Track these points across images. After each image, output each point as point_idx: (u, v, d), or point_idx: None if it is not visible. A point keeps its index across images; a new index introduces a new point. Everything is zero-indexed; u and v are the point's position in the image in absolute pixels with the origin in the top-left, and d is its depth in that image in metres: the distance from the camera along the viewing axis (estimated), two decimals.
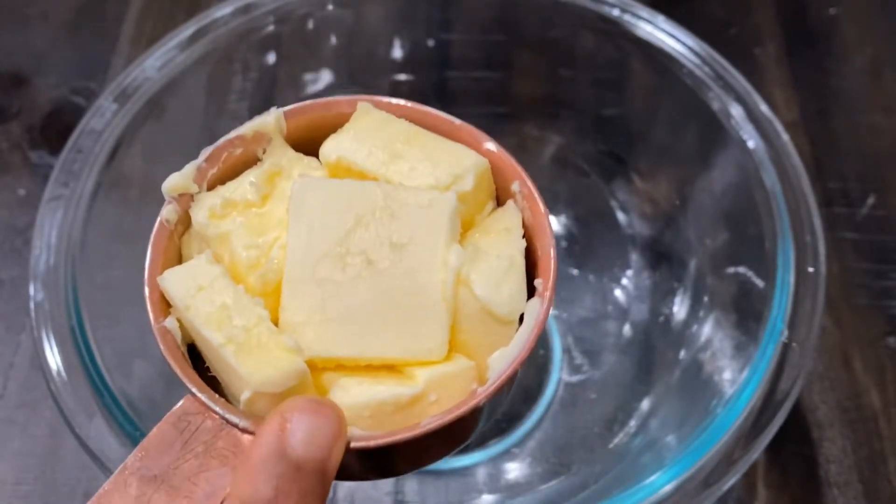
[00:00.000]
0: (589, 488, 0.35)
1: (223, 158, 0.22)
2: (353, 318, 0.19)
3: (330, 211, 0.20)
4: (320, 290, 0.19)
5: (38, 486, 0.38)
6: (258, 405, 0.19)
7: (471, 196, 0.21)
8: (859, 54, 0.54)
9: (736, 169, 0.35)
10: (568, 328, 0.43)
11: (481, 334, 0.20)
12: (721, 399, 0.31)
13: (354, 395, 0.19)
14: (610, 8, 0.37)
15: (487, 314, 0.20)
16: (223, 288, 0.20)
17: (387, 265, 0.19)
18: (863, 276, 0.45)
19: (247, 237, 0.20)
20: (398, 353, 0.19)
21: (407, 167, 0.21)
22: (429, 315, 0.19)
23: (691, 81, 0.36)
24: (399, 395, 0.19)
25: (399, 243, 0.20)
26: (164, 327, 0.20)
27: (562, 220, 0.45)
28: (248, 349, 0.19)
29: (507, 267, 0.20)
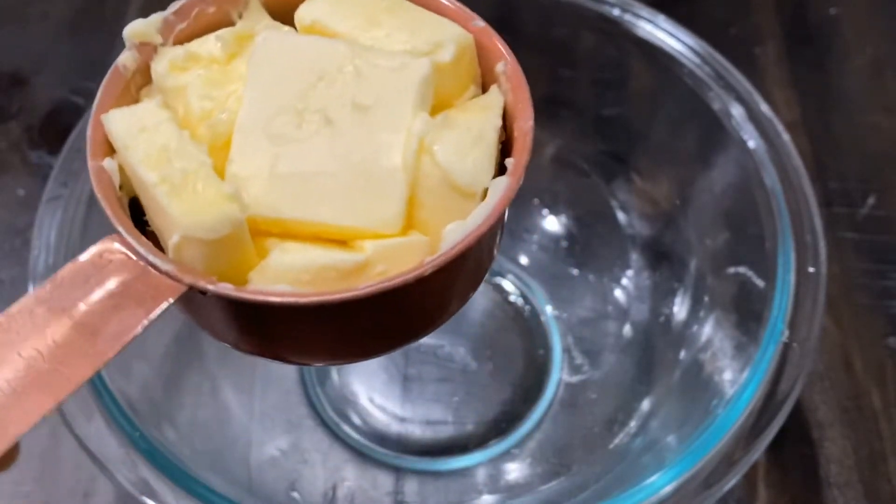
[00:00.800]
0: (589, 489, 0.35)
1: (194, 14, 0.21)
2: (304, 178, 0.18)
3: (292, 65, 0.19)
4: (273, 146, 0.18)
5: (38, 486, 0.38)
6: (187, 252, 0.18)
7: (450, 69, 0.20)
8: (860, 54, 0.54)
9: (736, 169, 0.35)
10: (568, 328, 0.43)
11: (442, 210, 0.18)
12: (721, 399, 0.31)
13: (295, 257, 0.18)
14: (610, 8, 0.37)
15: (449, 185, 0.18)
16: (168, 131, 0.18)
17: (347, 126, 0.18)
18: (863, 276, 0.45)
19: (203, 89, 0.19)
20: (348, 220, 0.18)
21: (383, 34, 0.20)
22: (386, 184, 0.18)
23: (692, 81, 0.36)
24: (342, 261, 0.17)
25: (363, 105, 0.18)
26: (101, 167, 0.19)
27: (562, 220, 0.45)
28: (182, 192, 0.17)
29: (476, 138, 0.19)
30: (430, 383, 0.42)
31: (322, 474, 0.38)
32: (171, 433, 0.32)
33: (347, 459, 0.39)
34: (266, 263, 0.18)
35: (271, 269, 0.18)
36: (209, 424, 0.37)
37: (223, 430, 0.38)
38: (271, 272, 0.18)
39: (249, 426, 0.39)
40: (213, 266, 0.18)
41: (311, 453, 0.39)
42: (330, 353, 0.21)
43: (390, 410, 0.41)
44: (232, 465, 0.36)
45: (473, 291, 0.21)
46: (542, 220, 0.46)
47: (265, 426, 0.39)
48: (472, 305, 0.44)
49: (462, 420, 0.41)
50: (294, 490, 0.37)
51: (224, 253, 0.18)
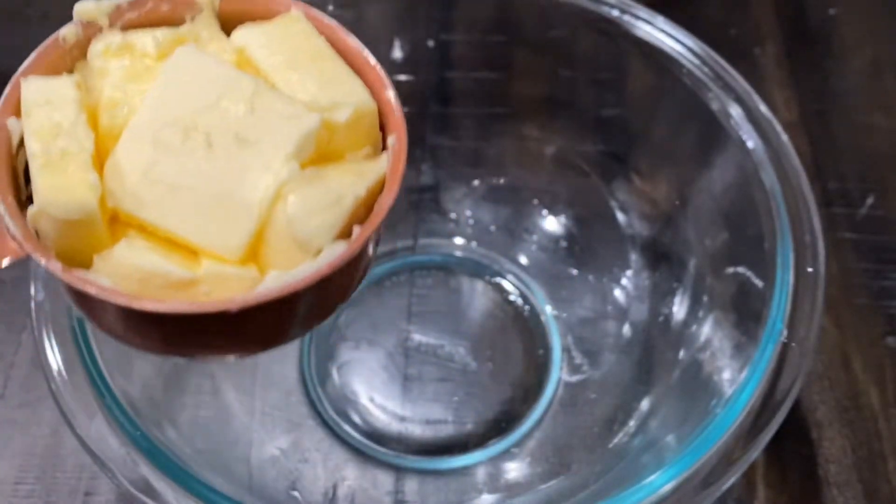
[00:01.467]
0: (589, 488, 0.35)
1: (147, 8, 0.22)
2: (171, 188, 0.19)
3: (197, 84, 0.20)
4: (154, 151, 0.19)
5: (39, 485, 0.38)
6: (42, 223, 0.19)
7: (343, 130, 0.21)
8: (859, 55, 0.54)
9: (735, 169, 0.35)
10: (568, 328, 0.43)
11: (282, 254, 0.20)
12: (720, 399, 0.31)
13: (134, 255, 0.19)
14: (609, 9, 0.37)
15: (291, 236, 0.19)
16: (68, 111, 0.20)
17: (224, 153, 0.19)
18: (862, 276, 0.45)
19: (121, 80, 0.21)
20: (195, 237, 0.19)
21: (297, 79, 0.21)
22: (239, 215, 0.19)
23: (691, 82, 0.36)
24: (169, 272, 0.19)
25: (245, 139, 0.19)
26: (6, 125, 0.20)
27: (561, 220, 0.45)
28: (54, 169, 0.19)
29: (332, 202, 0.20)
30: (430, 383, 0.42)
31: (322, 473, 0.39)
32: (171, 433, 0.32)
33: (348, 459, 0.39)
34: (110, 252, 0.19)
35: (112, 258, 0.19)
36: (210, 424, 0.37)
37: (224, 429, 0.38)
38: (112, 261, 0.19)
39: (250, 426, 0.39)
40: (63, 241, 0.19)
41: (311, 452, 0.39)
42: (149, 347, 0.22)
43: (390, 410, 0.41)
44: (233, 464, 0.36)
45: (301, 331, 0.23)
46: (542, 221, 0.46)
47: (266, 426, 0.39)
48: (472, 305, 0.45)
49: (462, 419, 0.41)
50: (294, 489, 0.37)
51: (74, 233, 0.19)
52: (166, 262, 0.19)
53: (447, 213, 0.47)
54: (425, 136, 0.46)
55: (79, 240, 0.19)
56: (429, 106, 0.45)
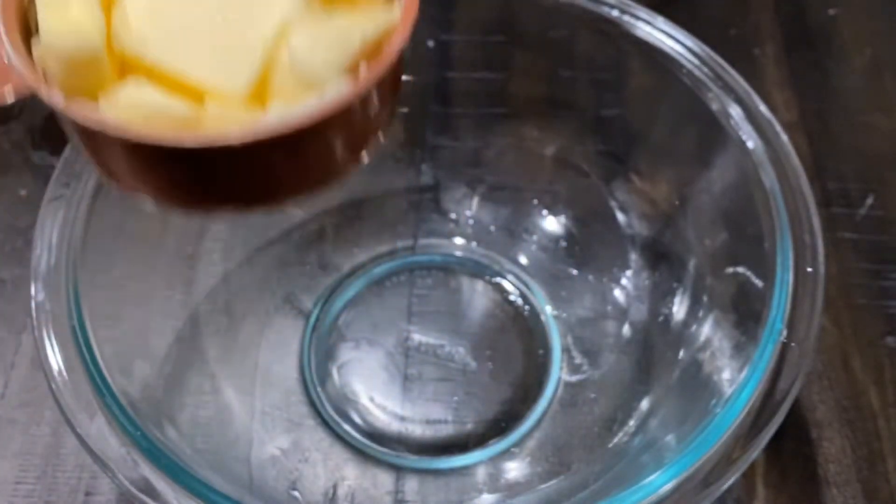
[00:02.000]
0: (588, 488, 0.35)
1: None
2: (176, 27, 0.19)
3: None
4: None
5: (39, 485, 0.38)
6: (49, 62, 0.19)
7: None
8: (859, 55, 0.54)
9: (735, 169, 0.35)
10: (567, 328, 0.43)
11: (290, 98, 0.19)
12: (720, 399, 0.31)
13: (136, 92, 0.19)
14: (609, 9, 0.38)
15: (295, 74, 0.19)
16: None
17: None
18: (862, 276, 0.45)
19: None
20: (200, 74, 0.19)
21: None
22: (245, 53, 0.19)
23: (690, 82, 0.36)
24: (174, 110, 0.18)
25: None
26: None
27: (561, 220, 0.46)
28: (58, 8, 0.18)
29: (337, 40, 0.19)
30: (430, 383, 0.42)
31: (322, 473, 0.39)
32: (172, 432, 0.32)
33: (348, 458, 0.39)
34: (115, 90, 0.19)
35: (118, 96, 0.19)
36: (210, 424, 0.37)
37: (224, 429, 0.38)
38: (117, 100, 0.19)
39: (250, 425, 0.39)
40: (68, 80, 0.19)
41: (311, 452, 0.39)
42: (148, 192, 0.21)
43: (390, 410, 0.41)
44: (233, 464, 0.36)
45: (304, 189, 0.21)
46: (542, 221, 0.46)
47: (266, 425, 0.39)
48: (472, 305, 0.45)
49: (462, 419, 0.41)
50: (295, 489, 0.37)
51: (80, 72, 0.19)
52: (171, 100, 0.19)
53: (447, 213, 0.47)
54: (425, 137, 0.46)
55: (85, 80, 0.19)
56: (429, 106, 0.45)
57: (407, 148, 0.46)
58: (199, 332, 0.39)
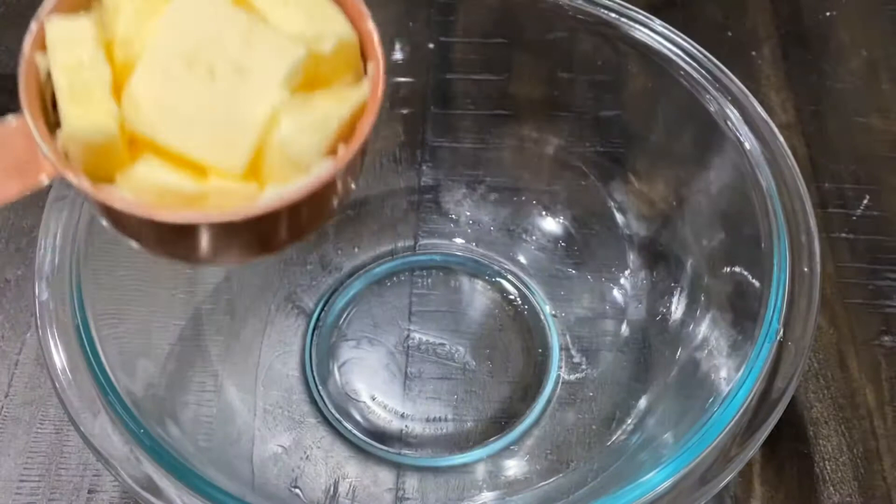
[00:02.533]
0: (587, 485, 0.35)
1: None
2: (180, 111, 0.22)
3: (198, 19, 0.22)
4: (164, 80, 0.22)
5: (43, 483, 0.39)
6: (70, 146, 0.22)
7: (328, 60, 0.23)
8: (855, 57, 0.55)
9: (732, 170, 0.35)
10: (566, 327, 0.43)
11: (279, 171, 0.22)
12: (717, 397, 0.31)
13: (150, 172, 0.22)
14: (607, 12, 0.38)
15: (285, 155, 0.22)
16: (88, 48, 0.22)
17: (226, 81, 0.22)
18: (858, 276, 0.45)
19: (132, 16, 0.23)
20: (202, 154, 0.22)
21: (287, 13, 0.23)
22: (241, 135, 0.22)
23: (688, 84, 0.36)
24: (183, 188, 0.22)
25: (242, 68, 0.22)
26: (34, 59, 0.23)
27: (560, 220, 0.46)
28: (79, 99, 0.21)
29: (318, 123, 0.22)
30: (430, 381, 0.42)
31: (324, 471, 0.39)
32: (174, 430, 0.32)
33: (349, 456, 0.39)
34: (131, 170, 0.22)
35: (133, 176, 0.22)
36: (212, 422, 0.37)
37: (226, 427, 0.38)
38: (132, 179, 0.22)
39: (252, 424, 0.39)
40: (89, 160, 0.22)
41: (312, 450, 0.39)
42: (168, 253, 0.25)
43: (391, 408, 0.41)
44: (235, 461, 0.37)
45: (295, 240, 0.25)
46: (541, 221, 0.46)
47: (268, 423, 0.39)
48: (472, 305, 0.45)
49: (462, 417, 0.41)
50: (296, 486, 0.38)
51: (99, 155, 0.22)
52: (179, 178, 0.22)
53: (447, 214, 0.47)
54: (426, 137, 0.46)
55: (102, 160, 0.22)
56: (429, 107, 0.45)
57: (407, 148, 0.46)
58: (201, 330, 0.39)
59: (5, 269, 0.45)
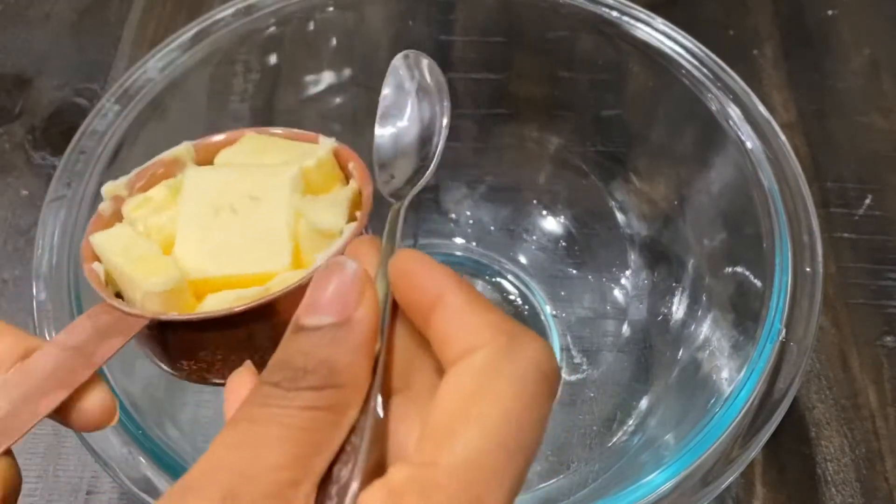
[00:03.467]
0: (588, 486, 0.35)
1: (149, 174, 0.30)
2: (222, 247, 0.27)
3: (209, 184, 0.28)
4: (200, 230, 0.27)
5: (41, 484, 0.39)
6: (148, 303, 0.26)
7: (315, 172, 0.29)
8: (857, 56, 0.55)
9: (734, 169, 0.35)
10: (567, 327, 0.43)
11: (316, 249, 0.27)
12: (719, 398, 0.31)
13: (220, 295, 0.26)
14: (608, 10, 0.38)
15: (317, 231, 0.27)
16: (131, 237, 0.28)
17: (247, 211, 0.27)
18: (860, 276, 0.45)
19: (154, 213, 0.28)
20: (253, 267, 0.26)
21: (268, 159, 0.29)
22: (277, 239, 0.27)
23: (689, 83, 0.36)
24: (253, 293, 0.26)
25: (255, 195, 0.28)
26: (92, 267, 0.27)
27: (561, 220, 0.46)
28: (140, 264, 0.26)
29: (332, 203, 0.28)
30: None
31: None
32: (173, 431, 0.32)
33: None
34: (203, 303, 0.26)
35: (206, 304, 0.26)
36: (211, 423, 0.37)
37: None
38: (207, 306, 0.26)
39: None
40: (165, 309, 0.26)
41: None
42: (247, 347, 0.28)
43: None
44: None
45: None
46: (542, 221, 0.46)
47: None
48: None
49: None
50: None
51: (171, 300, 0.26)
52: (244, 290, 0.26)
53: (447, 213, 0.47)
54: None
55: (173, 306, 0.26)
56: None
57: None
58: None
59: (3, 269, 0.45)
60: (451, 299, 0.19)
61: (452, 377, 0.18)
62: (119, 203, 0.29)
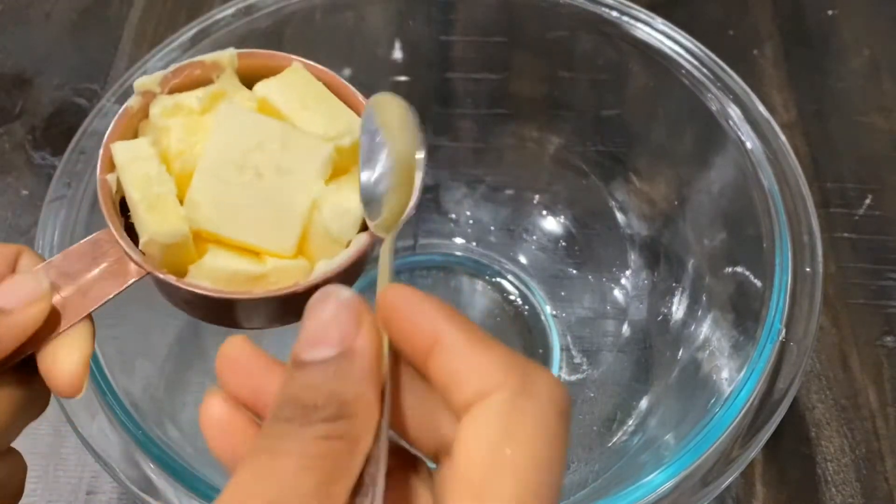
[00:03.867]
0: (588, 486, 0.35)
1: (185, 74, 0.29)
2: (235, 209, 0.26)
3: (241, 132, 0.27)
4: (219, 183, 0.26)
5: (41, 484, 0.39)
6: (150, 248, 0.26)
7: (348, 151, 0.28)
8: (857, 55, 0.55)
9: (734, 169, 0.35)
10: (567, 327, 0.43)
11: (322, 247, 0.27)
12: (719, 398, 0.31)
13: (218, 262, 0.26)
14: (608, 10, 0.38)
15: (326, 233, 0.27)
16: (152, 164, 0.27)
17: (270, 181, 0.27)
18: (860, 276, 0.45)
19: (181, 133, 0.27)
20: (258, 241, 0.26)
21: (308, 116, 0.28)
22: (289, 223, 0.27)
23: (689, 83, 0.36)
24: (249, 271, 0.26)
25: (283, 168, 0.27)
26: (106, 179, 0.27)
27: (561, 220, 0.46)
28: (154, 209, 0.26)
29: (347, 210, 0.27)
30: None
31: None
32: (173, 431, 0.32)
33: None
34: (201, 262, 0.26)
35: (203, 266, 0.26)
36: None
37: None
38: (203, 269, 0.26)
39: None
40: (167, 258, 0.26)
41: None
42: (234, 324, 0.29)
43: None
44: None
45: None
46: (542, 221, 0.46)
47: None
48: (473, 305, 0.45)
49: None
50: None
51: (174, 252, 0.26)
52: (242, 263, 0.26)
53: (447, 214, 0.47)
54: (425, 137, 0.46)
55: (176, 256, 0.26)
56: (429, 107, 0.45)
57: None
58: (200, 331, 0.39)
59: None
60: (451, 339, 0.19)
61: (472, 423, 0.18)
62: (149, 99, 0.28)
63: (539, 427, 0.18)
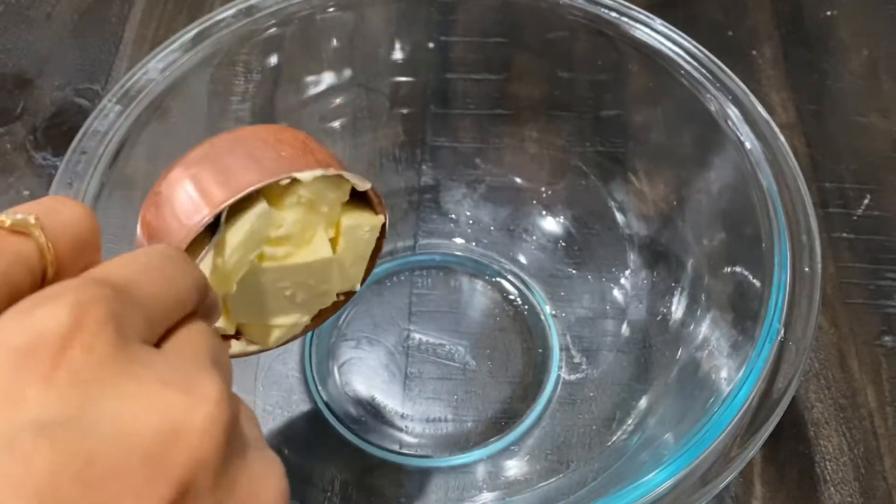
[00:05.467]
0: (587, 485, 0.35)
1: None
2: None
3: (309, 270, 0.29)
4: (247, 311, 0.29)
5: None
6: None
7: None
8: (856, 56, 0.55)
9: (733, 170, 0.35)
10: (566, 327, 0.43)
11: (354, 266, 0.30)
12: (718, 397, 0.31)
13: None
14: (608, 11, 0.38)
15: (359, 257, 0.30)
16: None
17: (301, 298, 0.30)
18: (859, 276, 0.45)
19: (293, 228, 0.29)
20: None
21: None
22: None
23: (688, 83, 0.36)
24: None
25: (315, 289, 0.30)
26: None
27: (560, 220, 0.46)
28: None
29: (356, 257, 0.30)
30: (430, 382, 0.42)
31: (323, 471, 0.39)
32: None
33: (348, 457, 0.39)
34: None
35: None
36: None
37: None
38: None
39: None
40: None
41: (312, 451, 0.39)
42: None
43: (391, 408, 0.41)
44: None
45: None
46: (541, 221, 0.46)
47: (267, 423, 0.39)
48: (472, 305, 0.45)
49: (462, 418, 0.41)
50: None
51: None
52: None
53: (447, 213, 0.47)
54: (425, 137, 0.46)
55: None
56: (429, 107, 0.45)
57: (407, 148, 0.46)
58: None
59: None
60: None
61: None
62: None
63: None
